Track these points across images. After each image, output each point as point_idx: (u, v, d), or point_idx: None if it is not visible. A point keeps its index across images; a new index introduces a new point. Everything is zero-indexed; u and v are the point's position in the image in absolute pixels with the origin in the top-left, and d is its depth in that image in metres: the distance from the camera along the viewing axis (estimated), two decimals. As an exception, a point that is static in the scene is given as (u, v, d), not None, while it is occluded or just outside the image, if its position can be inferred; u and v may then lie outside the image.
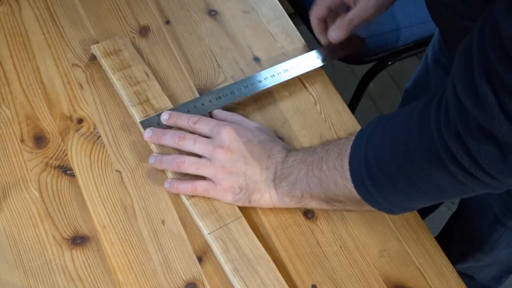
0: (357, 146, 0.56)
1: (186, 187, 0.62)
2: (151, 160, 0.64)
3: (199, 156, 0.63)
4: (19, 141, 0.67)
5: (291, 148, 0.65)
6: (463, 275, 1.09)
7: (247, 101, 0.72)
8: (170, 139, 0.64)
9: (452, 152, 0.46)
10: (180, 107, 0.68)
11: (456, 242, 1.02)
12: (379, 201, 0.55)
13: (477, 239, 0.92)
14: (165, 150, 0.66)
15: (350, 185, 0.56)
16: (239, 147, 0.62)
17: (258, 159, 0.62)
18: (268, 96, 0.74)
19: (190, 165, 0.62)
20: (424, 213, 1.13)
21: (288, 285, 0.58)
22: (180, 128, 0.66)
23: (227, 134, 0.62)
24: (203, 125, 0.64)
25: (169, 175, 0.65)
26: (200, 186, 0.62)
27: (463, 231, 0.98)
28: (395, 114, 0.54)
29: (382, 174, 0.53)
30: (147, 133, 0.65)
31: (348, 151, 0.56)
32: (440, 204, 1.22)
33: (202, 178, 0.63)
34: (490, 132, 0.43)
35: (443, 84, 0.84)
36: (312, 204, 0.62)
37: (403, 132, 0.51)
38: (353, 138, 0.57)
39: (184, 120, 0.65)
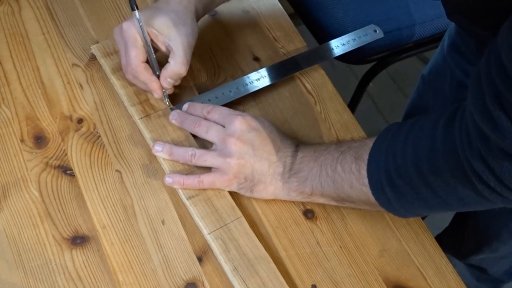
0: (375, 154, 0.57)
1: (192, 182, 0.63)
2: (159, 147, 0.65)
3: (210, 145, 0.65)
4: (19, 141, 0.67)
5: (299, 143, 0.65)
6: (475, 268, 1.09)
7: (247, 100, 0.72)
8: (188, 124, 0.66)
9: (478, 172, 0.47)
10: (181, 104, 0.69)
11: (471, 231, 1.01)
12: (396, 208, 0.57)
13: (496, 226, 0.92)
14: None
15: (367, 190, 0.57)
16: (250, 138, 0.63)
17: (268, 152, 0.63)
18: (268, 96, 0.74)
19: (198, 158, 0.63)
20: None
21: (288, 285, 0.58)
22: None
23: (239, 124, 0.63)
24: (216, 114, 0.66)
25: (167, 170, 0.65)
26: (206, 180, 0.63)
27: (479, 218, 0.96)
28: (415, 127, 0.55)
29: (404, 184, 0.54)
30: (173, 115, 0.67)
31: (365, 157, 0.57)
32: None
33: (204, 168, 0.64)
34: (511, 154, 0.44)
35: (458, 68, 0.83)
36: (320, 201, 0.63)
37: (427, 148, 0.52)
38: (369, 143, 0.58)
39: (199, 109, 0.67)
